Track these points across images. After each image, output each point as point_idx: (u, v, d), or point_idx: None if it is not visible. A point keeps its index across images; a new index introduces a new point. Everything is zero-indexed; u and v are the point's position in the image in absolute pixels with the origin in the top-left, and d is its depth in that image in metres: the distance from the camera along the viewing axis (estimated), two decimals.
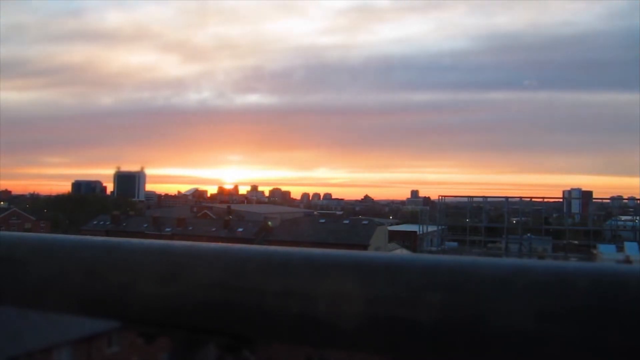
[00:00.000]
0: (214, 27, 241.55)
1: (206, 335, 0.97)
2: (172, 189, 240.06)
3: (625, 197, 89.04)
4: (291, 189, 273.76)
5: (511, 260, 0.83)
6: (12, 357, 17.90)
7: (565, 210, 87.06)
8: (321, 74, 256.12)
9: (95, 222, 62.68)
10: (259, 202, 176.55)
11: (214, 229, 56.16)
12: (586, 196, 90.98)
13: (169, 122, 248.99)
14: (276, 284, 0.90)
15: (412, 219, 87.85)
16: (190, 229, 57.58)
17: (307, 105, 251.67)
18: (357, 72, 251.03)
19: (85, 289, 1.07)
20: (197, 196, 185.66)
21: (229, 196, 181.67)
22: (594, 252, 49.94)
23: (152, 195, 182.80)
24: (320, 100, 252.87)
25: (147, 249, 1.07)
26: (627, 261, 38.55)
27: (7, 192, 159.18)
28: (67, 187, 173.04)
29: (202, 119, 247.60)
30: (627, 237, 54.54)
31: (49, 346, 19.87)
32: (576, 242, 57.07)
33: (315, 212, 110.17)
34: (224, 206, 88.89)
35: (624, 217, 65.58)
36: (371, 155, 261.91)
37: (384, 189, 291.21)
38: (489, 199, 63.56)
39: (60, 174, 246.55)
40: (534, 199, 65.05)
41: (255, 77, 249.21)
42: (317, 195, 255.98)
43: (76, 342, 21.17)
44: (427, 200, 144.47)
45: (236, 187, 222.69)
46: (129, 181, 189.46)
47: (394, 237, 62.63)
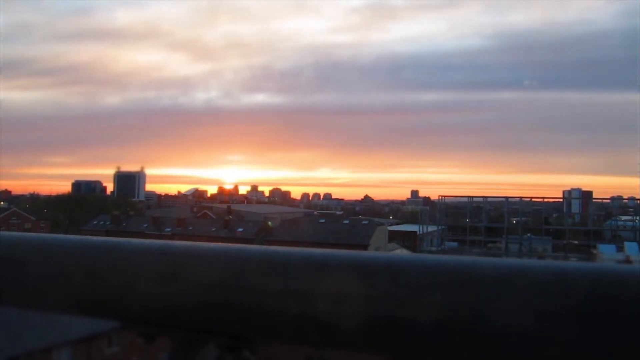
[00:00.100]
0: (225, 25, 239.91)
1: (206, 335, 0.97)
2: (172, 189, 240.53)
3: (625, 197, 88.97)
4: (293, 189, 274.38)
5: (511, 260, 0.83)
6: (12, 357, 17.90)
7: (565, 210, 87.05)
8: (329, 73, 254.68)
9: (95, 222, 62.68)
10: (259, 202, 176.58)
11: (214, 229, 56.17)
12: (586, 196, 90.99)
13: (172, 122, 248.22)
14: (276, 284, 0.90)
15: (412, 219, 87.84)
16: (190, 229, 57.59)
17: (312, 105, 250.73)
18: (365, 72, 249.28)
19: (85, 289, 1.07)
20: (197, 196, 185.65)
21: (229, 196, 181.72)
22: (594, 252, 49.95)
23: (152, 195, 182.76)
24: (325, 100, 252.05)
25: (147, 249, 1.07)
26: (627, 261, 38.55)
27: (7, 192, 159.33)
28: (67, 187, 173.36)
29: (205, 119, 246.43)
30: (627, 237, 54.50)
31: (49, 346, 19.87)
32: (576, 242, 57.06)
33: (315, 212, 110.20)
34: (224, 206, 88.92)
35: (624, 217, 65.51)
36: (373, 155, 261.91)
37: (384, 189, 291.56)
38: (489, 199, 63.58)
39: (60, 174, 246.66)
40: (534, 199, 65.14)
41: (262, 77, 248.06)
42: (317, 195, 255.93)
43: (76, 342, 21.16)
44: (427, 200, 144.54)
45: (236, 187, 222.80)
46: (129, 181, 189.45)
47: (394, 237, 62.62)
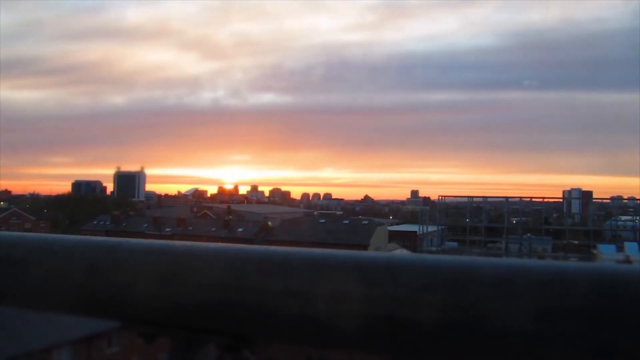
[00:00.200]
0: (236, 24, 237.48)
1: (206, 335, 0.98)
2: (172, 189, 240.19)
3: (625, 197, 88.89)
4: (295, 189, 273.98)
5: (511, 260, 0.83)
6: (12, 357, 17.91)
7: (565, 210, 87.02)
8: (338, 72, 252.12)
9: (95, 222, 62.66)
10: (259, 202, 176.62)
11: (214, 229, 56.15)
12: (586, 196, 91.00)
13: (174, 121, 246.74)
14: (276, 284, 0.90)
15: (412, 219, 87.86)
16: (190, 229, 57.55)
17: (318, 104, 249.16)
18: (374, 71, 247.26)
19: (85, 289, 1.07)
20: (197, 196, 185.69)
21: (229, 196, 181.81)
22: (594, 252, 49.93)
23: (152, 195, 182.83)
24: (332, 99, 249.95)
25: (147, 249, 1.07)
26: (627, 261, 38.54)
27: (7, 192, 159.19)
28: (67, 187, 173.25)
29: (208, 119, 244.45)
30: (627, 237, 54.45)
31: (49, 346, 19.88)
32: (576, 242, 57.04)
33: (315, 212, 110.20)
34: (224, 206, 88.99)
35: (624, 217, 65.46)
36: (374, 155, 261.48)
37: (384, 189, 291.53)
38: (489, 199, 63.57)
39: (60, 174, 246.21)
40: (534, 199, 65.20)
41: (270, 76, 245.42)
42: (317, 195, 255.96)
43: (76, 342, 21.17)
44: (427, 200, 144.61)
45: (236, 187, 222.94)
46: (129, 181, 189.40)
47: (394, 237, 62.60)
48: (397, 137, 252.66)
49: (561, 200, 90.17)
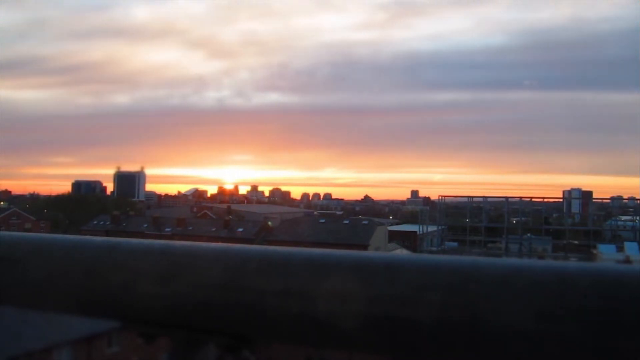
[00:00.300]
0: (243, 23, 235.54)
1: (206, 335, 0.98)
2: (172, 189, 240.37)
3: (625, 197, 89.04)
4: (296, 189, 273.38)
5: (511, 260, 0.83)
6: (12, 357, 17.90)
7: (565, 210, 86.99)
8: (344, 72, 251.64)
9: (95, 222, 62.66)
10: (259, 202, 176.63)
11: (214, 229, 56.18)
12: (586, 196, 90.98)
13: (176, 121, 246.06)
14: (276, 284, 0.90)
15: (412, 219, 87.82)
16: (190, 229, 57.61)
17: (322, 104, 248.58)
18: (380, 71, 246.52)
19: (85, 289, 1.07)
20: (197, 196, 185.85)
21: (229, 196, 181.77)
22: (594, 252, 49.91)
23: (152, 195, 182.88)
24: (336, 99, 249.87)
25: (147, 249, 1.07)
26: (627, 261, 38.54)
27: (7, 192, 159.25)
28: (67, 187, 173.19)
29: (211, 119, 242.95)
30: (627, 237, 54.43)
31: (49, 346, 19.86)
32: (576, 242, 56.99)
33: (315, 212, 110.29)
34: (224, 206, 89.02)
35: (624, 217, 65.52)
36: (374, 155, 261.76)
37: (384, 189, 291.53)
38: (489, 199, 63.52)
39: (60, 174, 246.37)
40: (534, 199, 64.98)
41: (276, 76, 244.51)
42: (317, 195, 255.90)
43: (76, 342, 21.16)
44: (427, 200, 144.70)
45: (236, 187, 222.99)
46: (129, 181, 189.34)
47: (394, 237, 62.64)
48: (398, 137, 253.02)
49: (561, 200, 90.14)
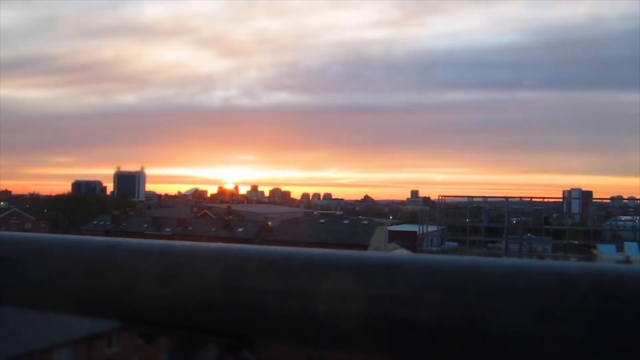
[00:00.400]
0: (256, 21, 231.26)
1: (206, 335, 0.98)
2: (172, 189, 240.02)
3: (625, 197, 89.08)
4: (296, 189, 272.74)
5: (511, 260, 0.83)
6: (12, 357, 17.91)
7: (565, 210, 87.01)
8: (354, 71, 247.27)
9: (95, 222, 62.65)
10: (259, 202, 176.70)
11: (214, 229, 56.18)
12: (586, 196, 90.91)
13: (178, 121, 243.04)
14: (276, 284, 0.90)
15: (412, 219, 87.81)
16: (190, 229, 57.59)
17: (329, 104, 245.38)
18: (392, 70, 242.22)
19: (85, 289, 1.07)
20: (197, 196, 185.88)
21: (229, 196, 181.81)
22: (594, 252, 49.92)
23: (152, 195, 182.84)
24: (344, 99, 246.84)
25: (147, 249, 1.07)
26: (627, 261, 38.55)
27: (7, 192, 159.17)
28: (67, 187, 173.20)
29: (215, 118, 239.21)
30: (627, 237, 54.42)
31: (49, 346, 19.88)
32: (576, 242, 56.99)
33: (315, 212, 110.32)
34: (224, 206, 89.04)
35: (624, 217, 65.52)
36: (375, 155, 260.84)
37: (384, 189, 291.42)
38: (489, 199, 63.55)
39: (60, 174, 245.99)
40: (534, 199, 64.98)
41: (285, 75, 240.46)
42: (317, 195, 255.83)
43: (76, 342, 21.17)
44: (427, 200, 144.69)
45: (236, 187, 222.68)
46: (129, 181, 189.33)
47: (394, 237, 62.62)
48: (399, 137, 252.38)
49: (561, 200, 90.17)
